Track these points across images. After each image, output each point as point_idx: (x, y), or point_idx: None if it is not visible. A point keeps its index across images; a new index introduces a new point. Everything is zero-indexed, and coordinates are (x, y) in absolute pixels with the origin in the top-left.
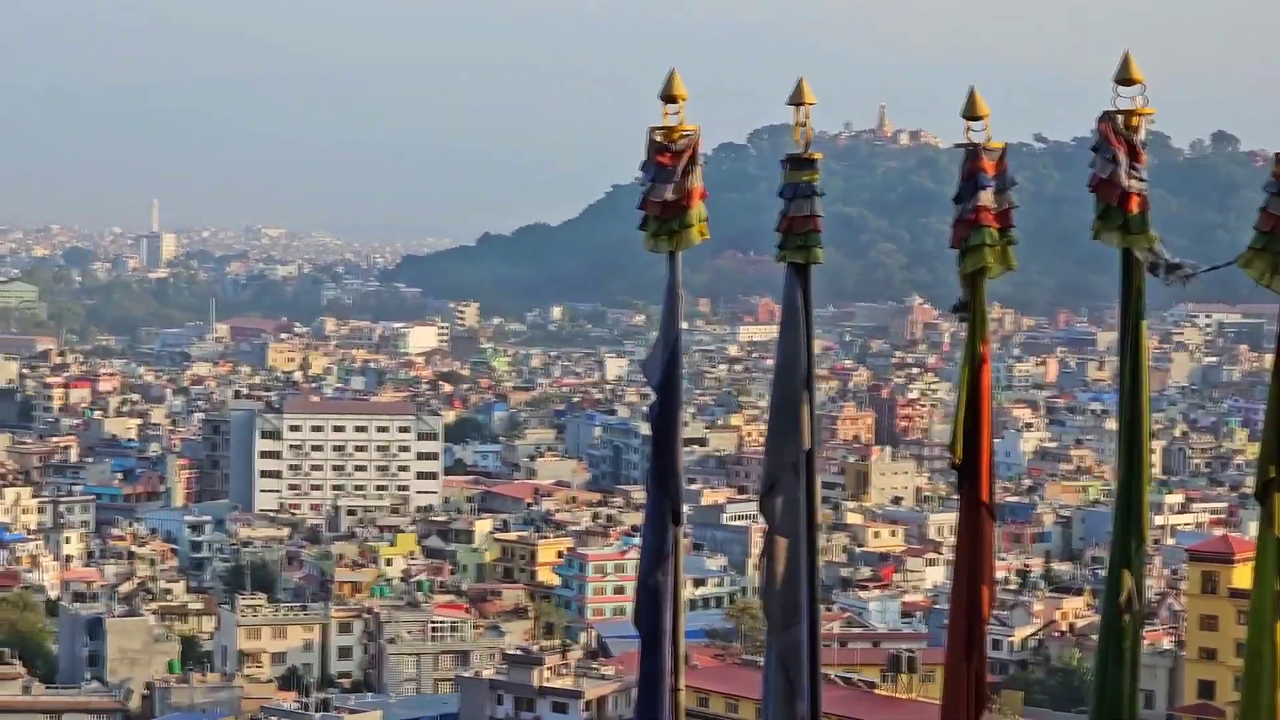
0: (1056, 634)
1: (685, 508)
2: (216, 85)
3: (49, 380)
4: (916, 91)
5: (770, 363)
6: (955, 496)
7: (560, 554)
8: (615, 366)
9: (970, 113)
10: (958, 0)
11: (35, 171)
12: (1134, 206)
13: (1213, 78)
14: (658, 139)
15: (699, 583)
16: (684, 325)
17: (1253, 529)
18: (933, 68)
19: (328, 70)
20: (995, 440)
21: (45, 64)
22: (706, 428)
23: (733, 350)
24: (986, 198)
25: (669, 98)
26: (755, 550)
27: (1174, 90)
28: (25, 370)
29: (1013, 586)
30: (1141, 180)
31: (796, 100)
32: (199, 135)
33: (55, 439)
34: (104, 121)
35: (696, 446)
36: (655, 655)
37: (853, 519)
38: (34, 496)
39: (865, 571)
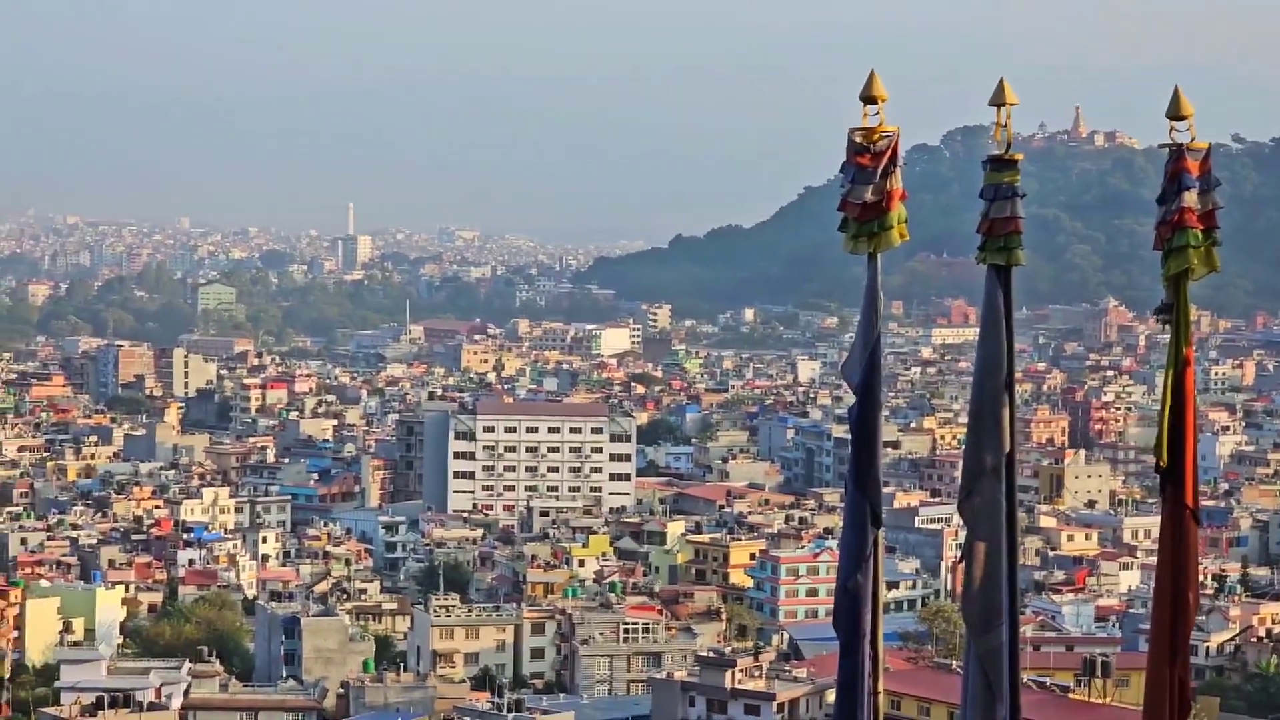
0: (1254, 639)
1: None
2: (411, 92)
3: (246, 381)
4: (1111, 91)
5: (964, 365)
6: (1150, 500)
7: (753, 556)
8: (807, 369)
9: (1174, 112)
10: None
11: (234, 176)
12: None
13: None
14: (857, 140)
15: (892, 585)
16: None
17: None
18: (1127, 67)
19: (520, 79)
20: None
21: (243, 73)
22: (900, 430)
23: (926, 353)
24: (1190, 199)
25: (869, 99)
26: (949, 553)
27: None
28: (223, 371)
29: (1209, 591)
30: None
31: (998, 101)
32: (394, 140)
33: (252, 439)
34: (301, 126)
35: (890, 449)
36: (854, 658)
37: (1046, 522)
38: (231, 497)
39: (1059, 575)
